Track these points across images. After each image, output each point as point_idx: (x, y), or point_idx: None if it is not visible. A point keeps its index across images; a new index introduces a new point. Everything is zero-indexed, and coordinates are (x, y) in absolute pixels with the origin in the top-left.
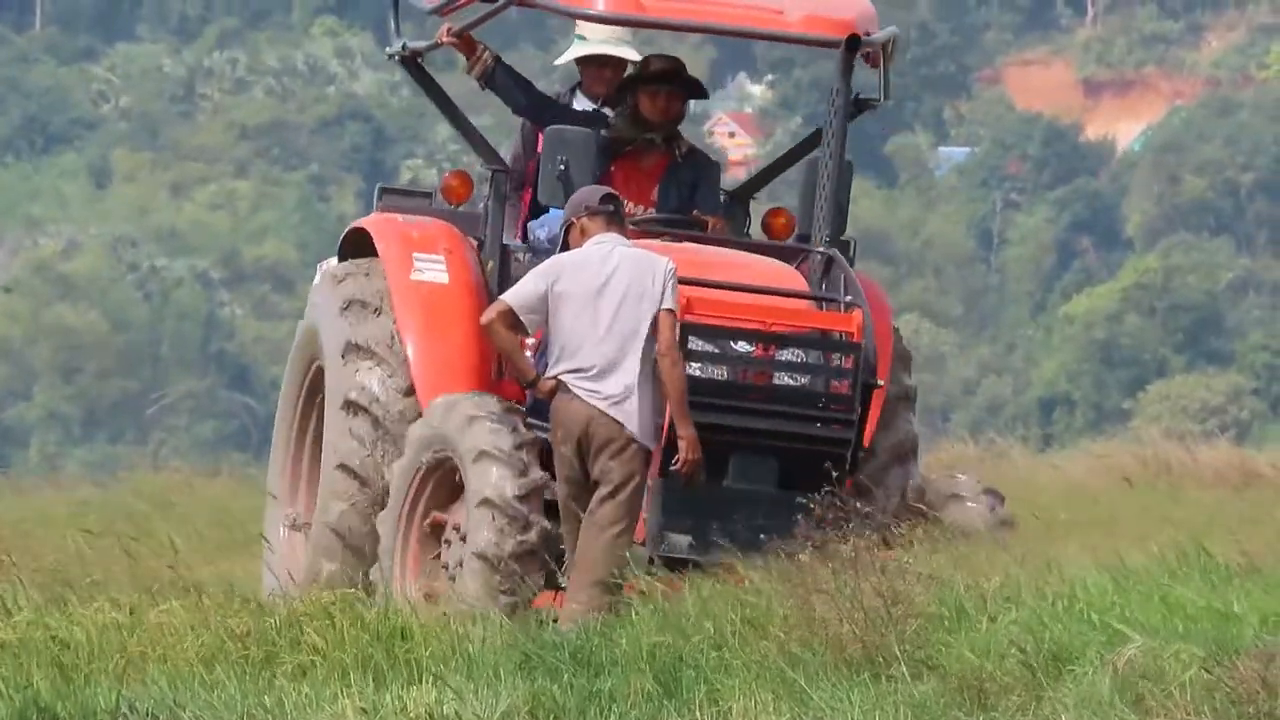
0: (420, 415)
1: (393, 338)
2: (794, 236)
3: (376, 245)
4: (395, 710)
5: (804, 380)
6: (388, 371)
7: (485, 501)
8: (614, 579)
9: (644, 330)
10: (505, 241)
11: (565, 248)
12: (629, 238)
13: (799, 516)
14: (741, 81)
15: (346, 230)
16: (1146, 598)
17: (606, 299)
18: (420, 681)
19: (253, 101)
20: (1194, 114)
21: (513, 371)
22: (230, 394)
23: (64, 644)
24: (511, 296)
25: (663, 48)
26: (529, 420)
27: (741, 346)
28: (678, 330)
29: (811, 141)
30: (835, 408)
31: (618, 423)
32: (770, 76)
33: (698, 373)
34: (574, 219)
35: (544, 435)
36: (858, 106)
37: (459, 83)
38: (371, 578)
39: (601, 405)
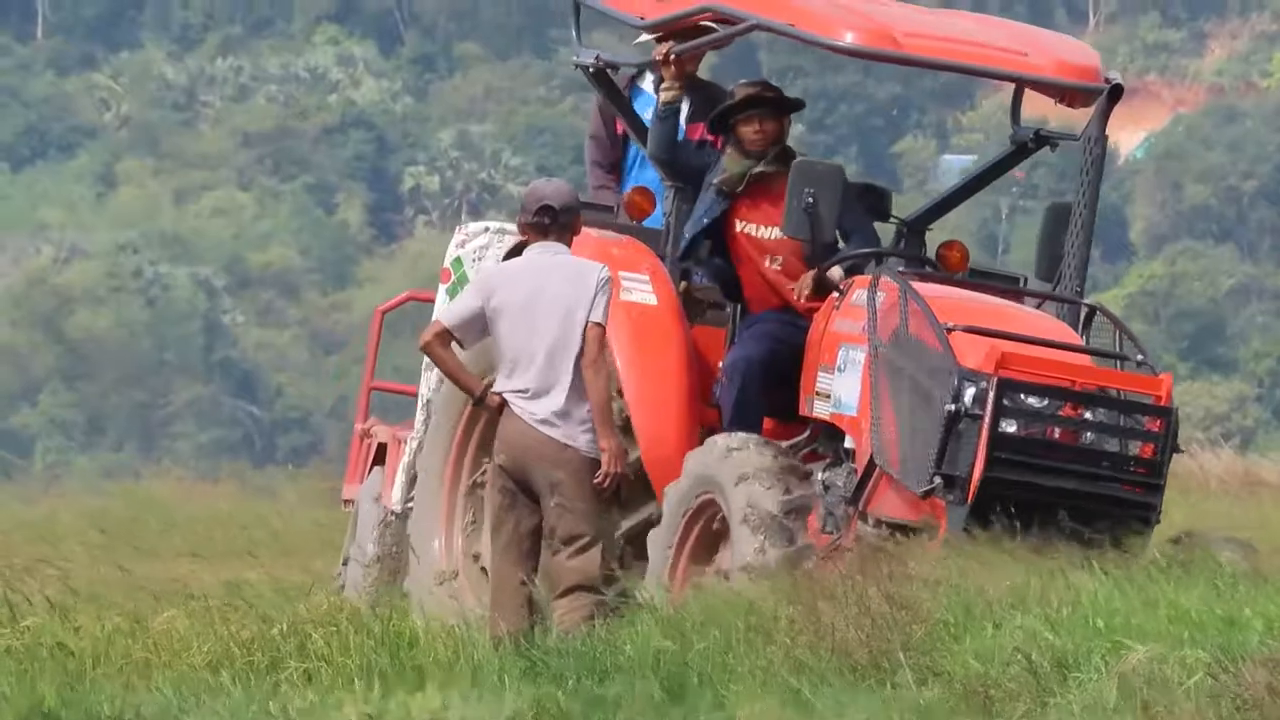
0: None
1: None
2: (967, 270)
3: None
4: (399, 717)
5: (1112, 442)
6: None
7: (746, 520)
8: (591, 585)
9: (576, 342)
10: (687, 265)
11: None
12: (569, 244)
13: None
14: None
15: (516, 244)
16: (1151, 605)
17: (539, 312)
18: (425, 688)
19: (255, 109)
20: (1196, 122)
21: (459, 389)
22: (234, 401)
23: (69, 651)
24: (447, 316)
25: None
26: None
27: (1047, 403)
28: (604, 341)
29: (982, 178)
30: (1141, 471)
31: (557, 440)
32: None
33: (1007, 429)
34: (520, 229)
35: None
36: (1038, 141)
37: (450, 90)
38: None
39: (539, 425)
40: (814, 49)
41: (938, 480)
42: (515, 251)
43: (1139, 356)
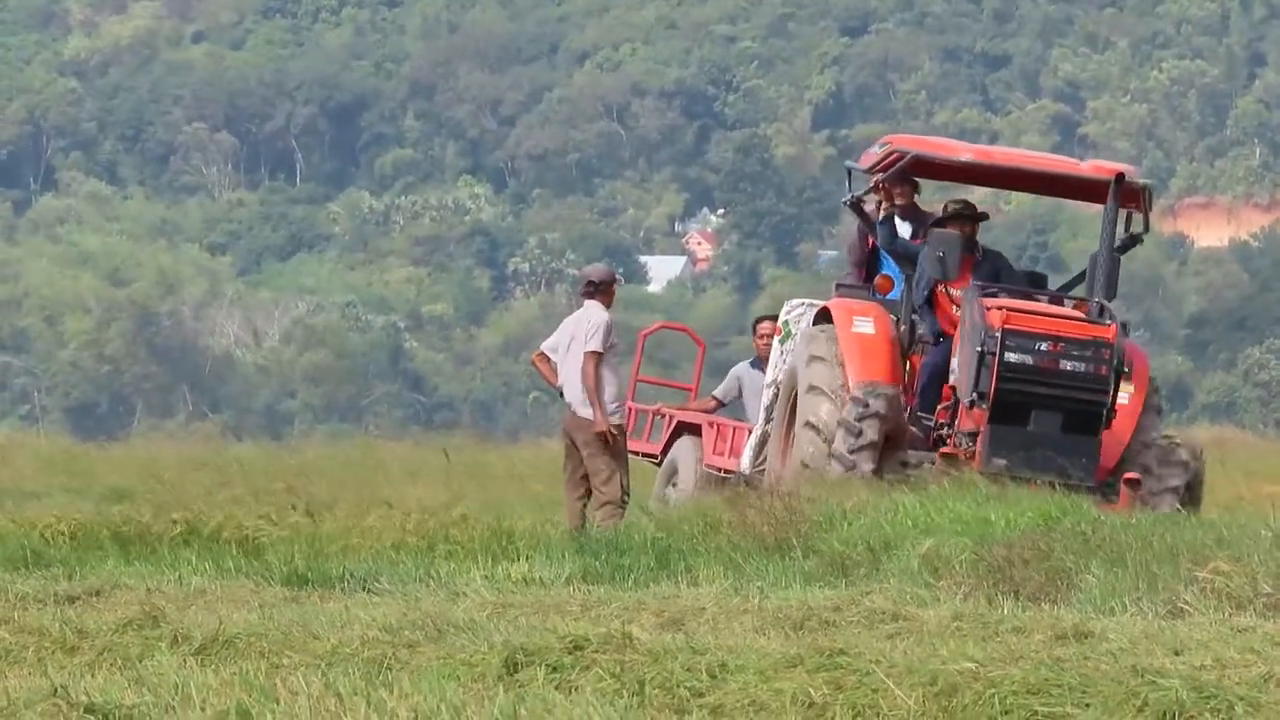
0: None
1: (839, 384)
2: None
3: (833, 316)
4: (504, 575)
5: (1079, 365)
6: (835, 401)
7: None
8: (612, 500)
9: (577, 362)
10: (911, 316)
11: None
12: (608, 304)
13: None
14: (705, 213)
15: (820, 307)
16: (939, 510)
17: (567, 343)
18: (519, 559)
19: (424, 224)
20: None
21: (549, 384)
22: (410, 394)
23: (313, 537)
24: (544, 343)
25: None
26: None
27: (1045, 346)
28: (592, 365)
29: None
30: (1094, 382)
31: (582, 416)
32: (722, 210)
33: (1011, 359)
34: (580, 293)
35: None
36: (1131, 240)
37: (534, 214)
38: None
39: (574, 410)
40: (946, 164)
41: (975, 394)
42: (819, 316)
43: (1108, 320)
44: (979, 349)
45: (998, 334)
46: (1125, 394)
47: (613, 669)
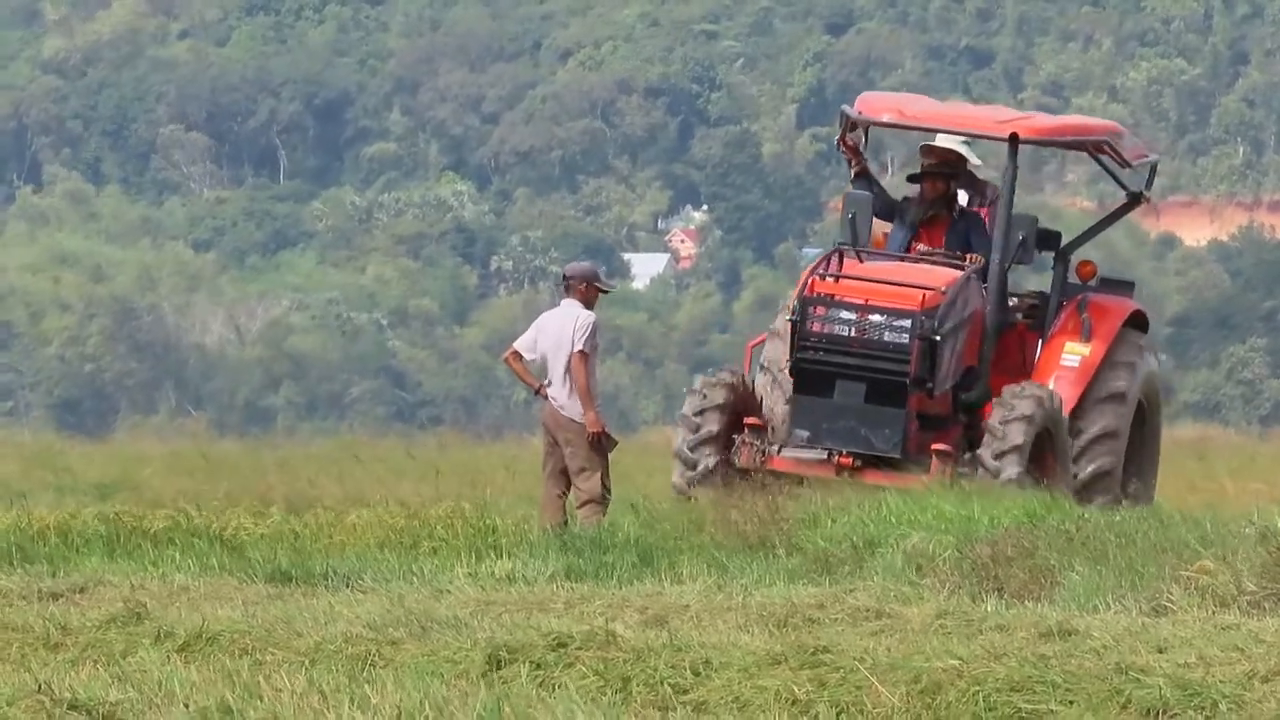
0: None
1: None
2: (1097, 278)
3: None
4: (487, 573)
5: (882, 335)
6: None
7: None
8: (594, 498)
9: (562, 361)
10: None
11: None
12: (588, 301)
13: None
14: (689, 210)
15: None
16: (922, 508)
17: (550, 342)
18: (502, 557)
19: (405, 221)
20: None
21: (525, 385)
22: (393, 390)
23: (296, 535)
24: (518, 343)
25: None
26: None
27: (849, 315)
28: (583, 365)
29: (1115, 214)
30: (898, 352)
31: (565, 415)
32: (705, 206)
33: (811, 328)
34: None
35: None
36: (1133, 198)
37: (517, 212)
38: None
39: (557, 406)
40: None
41: (787, 364)
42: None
43: (945, 288)
44: (788, 318)
45: (798, 302)
46: (1076, 355)
47: (596, 666)
